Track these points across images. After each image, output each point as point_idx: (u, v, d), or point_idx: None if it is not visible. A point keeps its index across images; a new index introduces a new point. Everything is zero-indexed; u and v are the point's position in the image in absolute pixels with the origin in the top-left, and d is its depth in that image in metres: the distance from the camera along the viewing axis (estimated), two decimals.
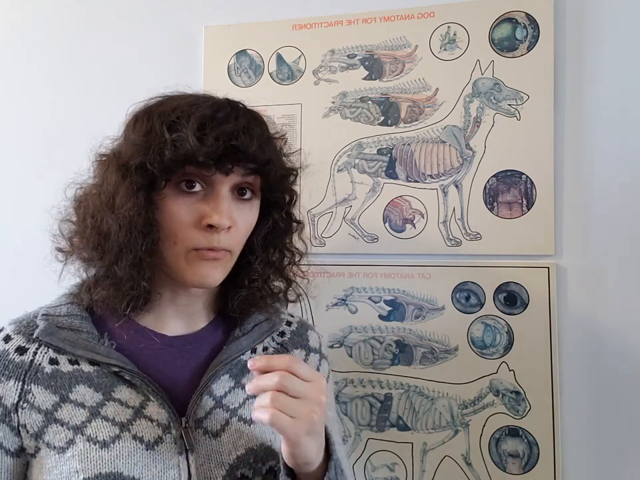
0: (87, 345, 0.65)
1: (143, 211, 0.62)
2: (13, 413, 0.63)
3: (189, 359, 0.70)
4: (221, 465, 0.66)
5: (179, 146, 0.61)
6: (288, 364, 0.58)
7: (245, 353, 0.73)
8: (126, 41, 1.17)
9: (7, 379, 0.63)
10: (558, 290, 0.97)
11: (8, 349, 0.65)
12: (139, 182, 0.62)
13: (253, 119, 0.66)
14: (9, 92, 1.22)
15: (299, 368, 0.59)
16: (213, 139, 0.60)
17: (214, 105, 0.64)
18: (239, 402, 0.71)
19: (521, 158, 0.99)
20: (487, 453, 0.99)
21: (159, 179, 0.63)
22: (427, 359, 1.02)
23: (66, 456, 0.62)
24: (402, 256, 1.04)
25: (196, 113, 0.62)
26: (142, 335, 0.69)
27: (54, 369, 0.64)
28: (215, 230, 0.63)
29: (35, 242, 1.15)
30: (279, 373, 0.57)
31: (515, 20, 1.00)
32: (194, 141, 0.60)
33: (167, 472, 0.63)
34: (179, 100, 0.66)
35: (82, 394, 0.64)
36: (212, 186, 0.64)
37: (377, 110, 1.05)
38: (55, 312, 0.68)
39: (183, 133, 0.61)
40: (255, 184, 0.68)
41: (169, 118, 0.63)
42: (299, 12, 1.09)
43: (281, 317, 0.81)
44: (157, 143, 0.61)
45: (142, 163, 0.62)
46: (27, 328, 0.66)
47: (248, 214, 0.68)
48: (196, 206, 0.64)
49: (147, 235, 0.63)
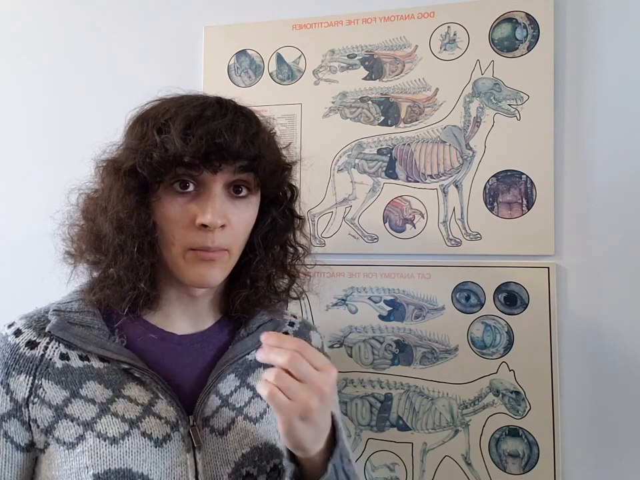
0: (98, 342, 0.66)
1: (135, 213, 0.63)
2: (23, 407, 0.63)
3: (196, 358, 0.71)
4: (227, 462, 0.67)
5: (166, 148, 0.61)
6: (300, 345, 0.58)
7: (250, 353, 0.74)
8: (126, 41, 1.17)
9: (18, 373, 0.64)
10: (558, 290, 0.97)
11: (19, 343, 0.65)
12: (130, 184, 0.63)
13: (240, 115, 0.66)
14: (8, 92, 1.22)
15: (311, 354, 0.59)
16: (197, 138, 0.61)
17: (202, 104, 0.64)
18: (244, 401, 0.72)
19: (521, 158, 0.99)
20: (486, 453, 0.99)
21: (151, 181, 0.63)
22: (426, 359, 1.02)
23: (76, 451, 0.62)
24: (402, 256, 1.04)
25: (182, 114, 0.62)
26: (151, 332, 0.70)
27: (64, 364, 0.65)
28: (209, 229, 0.64)
29: (33, 242, 1.16)
30: (290, 352, 0.57)
31: (514, 20, 1.00)
32: (179, 141, 0.61)
33: (175, 469, 0.64)
34: (171, 102, 0.66)
35: (92, 390, 0.64)
36: (204, 185, 0.65)
37: (377, 110, 1.05)
38: (67, 308, 0.68)
39: (169, 135, 0.61)
40: (249, 181, 0.67)
41: (159, 121, 0.63)
42: (298, 12, 1.09)
43: (284, 317, 0.82)
44: (146, 145, 0.62)
45: (132, 166, 0.62)
46: (37, 322, 0.67)
47: (244, 211, 0.68)
48: (189, 206, 0.64)
49: (140, 236, 0.63)
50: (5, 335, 0.66)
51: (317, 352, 0.61)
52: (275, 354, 0.57)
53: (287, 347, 0.58)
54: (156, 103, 0.68)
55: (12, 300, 1.17)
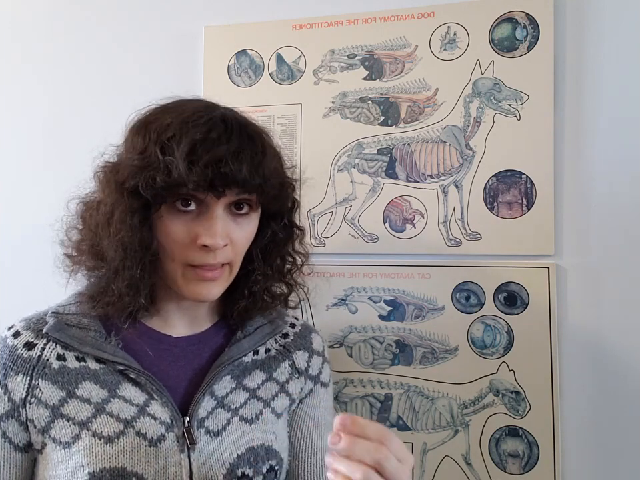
0: (94, 343, 0.67)
1: (138, 235, 0.63)
2: (21, 407, 0.64)
3: (191, 360, 0.72)
4: (222, 463, 0.67)
5: (169, 171, 0.60)
6: (384, 435, 0.51)
7: (246, 355, 0.74)
8: (126, 41, 1.17)
9: (16, 373, 0.64)
10: (558, 290, 0.97)
11: (17, 344, 0.66)
12: (133, 206, 0.63)
13: (246, 138, 0.65)
14: (7, 91, 1.22)
15: (395, 443, 0.51)
16: (202, 166, 0.60)
17: (207, 123, 0.63)
18: (240, 402, 0.72)
19: (521, 158, 0.99)
20: (486, 453, 0.99)
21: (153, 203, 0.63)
22: (426, 359, 1.02)
23: (71, 451, 0.63)
24: (402, 256, 1.04)
25: (187, 136, 0.61)
26: (148, 335, 0.70)
27: (61, 364, 0.65)
28: (210, 249, 0.64)
29: (30, 243, 1.16)
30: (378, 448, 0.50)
31: (514, 20, 1.00)
32: (184, 168, 0.60)
33: (169, 469, 0.64)
34: (174, 113, 0.65)
35: (88, 390, 0.65)
36: (206, 205, 0.64)
37: (377, 110, 1.05)
38: (65, 310, 0.69)
39: (174, 158, 0.60)
40: (252, 198, 0.67)
41: (162, 137, 0.62)
42: (298, 12, 1.09)
43: (285, 319, 0.82)
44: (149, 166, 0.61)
45: (135, 186, 0.62)
46: (36, 324, 0.68)
47: (246, 227, 0.68)
48: (191, 225, 0.64)
49: (143, 257, 0.64)
50: (4, 337, 0.67)
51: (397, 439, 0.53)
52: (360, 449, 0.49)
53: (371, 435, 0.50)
54: (157, 111, 0.67)
55: (12, 300, 1.17)
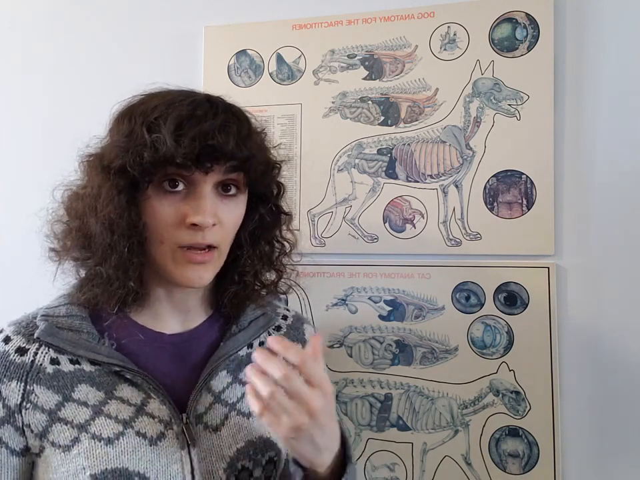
0: (88, 346, 0.66)
1: (125, 213, 0.63)
2: (16, 413, 0.63)
3: (187, 356, 0.71)
4: (222, 458, 0.67)
5: (157, 148, 0.61)
6: (303, 360, 0.58)
7: (242, 349, 0.74)
8: (126, 40, 1.17)
9: (9, 380, 0.64)
10: (558, 290, 0.97)
11: (8, 350, 0.65)
12: (120, 184, 0.63)
13: (231, 115, 0.66)
14: (7, 91, 1.22)
15: (312, 368, 0.59)
16: (190, 139, 0.61)
17: (192, 102, 0.64)
18: (237, 396, 0.72)
19: (521, 158, 0.99)
20: (486, 453, 0.99)
21: (141, 181, 0.63)
22: (426, 359, 1.02)
23: (72, 454, 0.63)
24: (402, 256, 1.04)
25: (173, 113, 0.62)
26: (141, 333, 0.70)
27: (55, 369, 0.65)
28: (199, 228, 0.64)
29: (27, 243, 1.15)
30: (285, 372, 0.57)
31: (514, 20, 1.00)
32: (171, 142, 0.60)
33: (171, 466, 0.64)
34: (159, 98, 0.66)
35: (84, 393, 0.65)
36: (194, 185, 0.64)
37: (377, 110, 1.05)
38: (55, 312, 0.68)
39: (161, 135, 0.61)
40: (238, 180, 0.67)
41: (148, 118, 0.63)
42: (299, 12, 1.09)
43: (277, 311, 0.82)
44: (136, 144, 0.62)
45: (122, 165, 0.62)
46: (26, 329, 0.67)
47: (234, 209, 0.68)
48: (179, 205, 0.64)
49: (131, 236, 0.63)
50: None
51: (320, 365, 0.61)
52: (272, 366, 0.58)
53: (290, 356, 0.58)
54: (142, 98, 0.68)
55: (12, 300, 1.17)
